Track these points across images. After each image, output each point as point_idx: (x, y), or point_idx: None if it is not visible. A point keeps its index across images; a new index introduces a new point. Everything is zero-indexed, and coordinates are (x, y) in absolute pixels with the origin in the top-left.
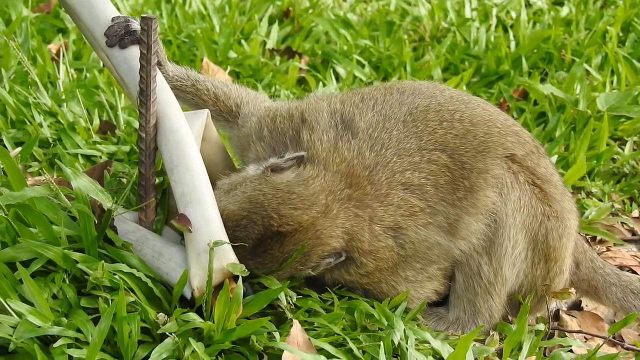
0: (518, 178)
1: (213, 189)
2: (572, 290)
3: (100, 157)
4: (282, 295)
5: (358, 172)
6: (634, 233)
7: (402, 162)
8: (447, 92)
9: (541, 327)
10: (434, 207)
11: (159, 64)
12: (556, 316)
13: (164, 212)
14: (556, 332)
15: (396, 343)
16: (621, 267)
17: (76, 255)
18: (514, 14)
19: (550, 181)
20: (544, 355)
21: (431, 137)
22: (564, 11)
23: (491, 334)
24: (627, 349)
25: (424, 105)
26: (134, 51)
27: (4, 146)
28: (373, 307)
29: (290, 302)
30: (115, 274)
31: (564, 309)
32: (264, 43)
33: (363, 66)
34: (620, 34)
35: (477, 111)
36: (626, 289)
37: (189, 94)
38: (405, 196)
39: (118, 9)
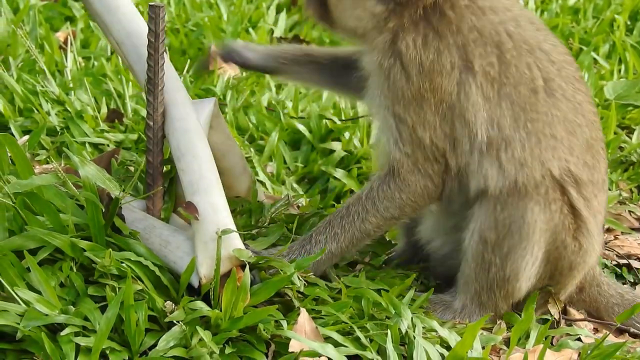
0: (561, 195)
1: (220, 177)
2: None
3: (108, 146)
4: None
5: None
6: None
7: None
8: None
9: (548, 316)
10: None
11: None
12: (564, 310)
13: (172, 200)
14: (563, 321)
15: (403, 331)
16: (629, 256)
17: (83, 244)
18: (522, 2)
19: (592, 219)
20: (552, 344)
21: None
22: (571, 1)
23: (498, 322)
24: (633, 335)
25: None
26: (143, 39)
27: (12, 134)
28: (381, 295)
29: (298, 290)
30: (122, 262)
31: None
32: (272, 31)
33: None
34: (628, 23)
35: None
36: (629, 306)
37: None
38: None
39: None
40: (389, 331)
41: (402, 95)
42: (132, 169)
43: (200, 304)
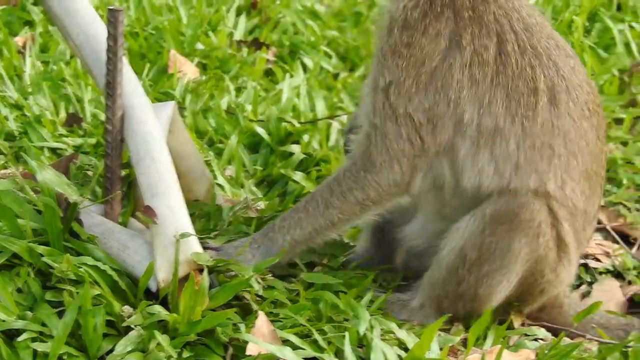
0: (551, 229)
1: (179, 180)
2: None
3: (67, 150)
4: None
5: None
6: (599, 222)
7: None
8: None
9: (506, 317)
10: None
11: None
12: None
13: (130, 204)
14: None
15: (362, 333)
16: (586, 256)
17: (41, 249)
18: None
19: (575, 252)
20: (509, 344)
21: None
22: (531, 1)
23: (455, 324)
24: (590, 339)
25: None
26: (102, 42)
27: None
28: (339, 297)
29: (257, 293)
30: (80, 267)
31: None
32: (232, 35)
33: (330, 57)
34: (587, 24)
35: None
36: (583, 327)
37: None
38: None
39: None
40: (346, 333)
41: (381, 55)
42: (90, 173)
43: (158, 308)
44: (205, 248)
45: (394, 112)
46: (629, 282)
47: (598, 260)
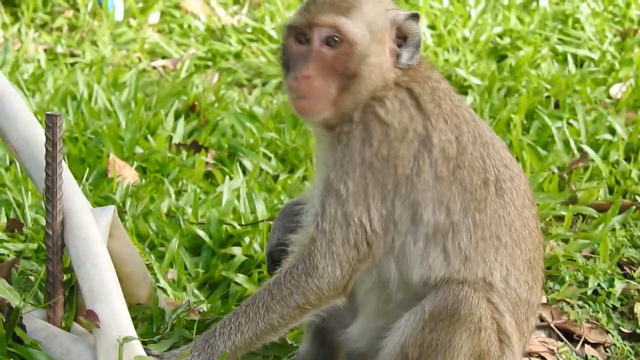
0: (492, 322)
1: (121, 284)
2: None
3: (8, 255)
4: None
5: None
6: (542, 319)
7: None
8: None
9: None
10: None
11: None
12: None
13: (72, 308)
14: None
15: None
16: (530, 354)
17: None
18: None
19: (518, 342)
20: None
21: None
22: (469, 100)
23: None
24: None
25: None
26: (41, 147)
27: None
28: None
29: None
30: None
31: None
32: (170, 138)
33: (270, 159)
34: (525, 122)
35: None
36: None
37: None
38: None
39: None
40: None
41: (349, 160)
42: (32, 278)
43: None
44: (148, 354)
45: (346, 220)
46: None
47: (543, 358)
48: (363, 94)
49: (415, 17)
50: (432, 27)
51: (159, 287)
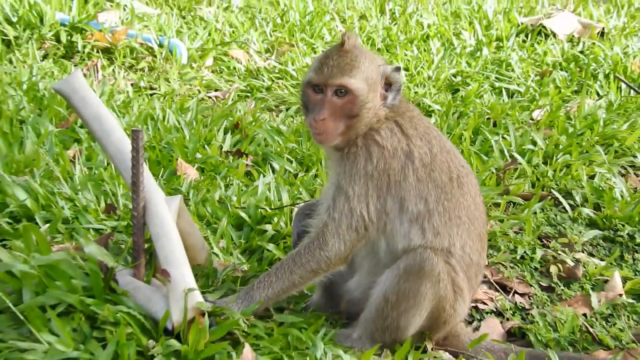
0: (448, 276)
1: (186, 252)
2: None
3: (106, 230)
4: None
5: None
6: (485, 276)
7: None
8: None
9: (420, 343)
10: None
11: None
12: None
13: (151, 268)
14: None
15: (318, 357)
16: (476, 301)
17: (89, 300)
18: None
19: (468, 293)
20: None
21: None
22: (432, 120)
23: (385, 350)
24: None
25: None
26: (129, 154)
27: (37, 223)
28: (302, 332)
29: (243, 330)
30: (117, 313)
31: None
32: (221, 147)
33: (291, 162)
34: (472, 136)
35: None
36: (479, 349)
37: None
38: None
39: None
40: (307, 358)
41: (355, 172)
42: (122, 246)
43: (173, 342)
44: (205, 300)
45: (351, 212)
46: (507, 319)
47: (485, 303)
48: (363, 128)
49: (398, 69)
50: (406, 69)
51: (213, 253)
